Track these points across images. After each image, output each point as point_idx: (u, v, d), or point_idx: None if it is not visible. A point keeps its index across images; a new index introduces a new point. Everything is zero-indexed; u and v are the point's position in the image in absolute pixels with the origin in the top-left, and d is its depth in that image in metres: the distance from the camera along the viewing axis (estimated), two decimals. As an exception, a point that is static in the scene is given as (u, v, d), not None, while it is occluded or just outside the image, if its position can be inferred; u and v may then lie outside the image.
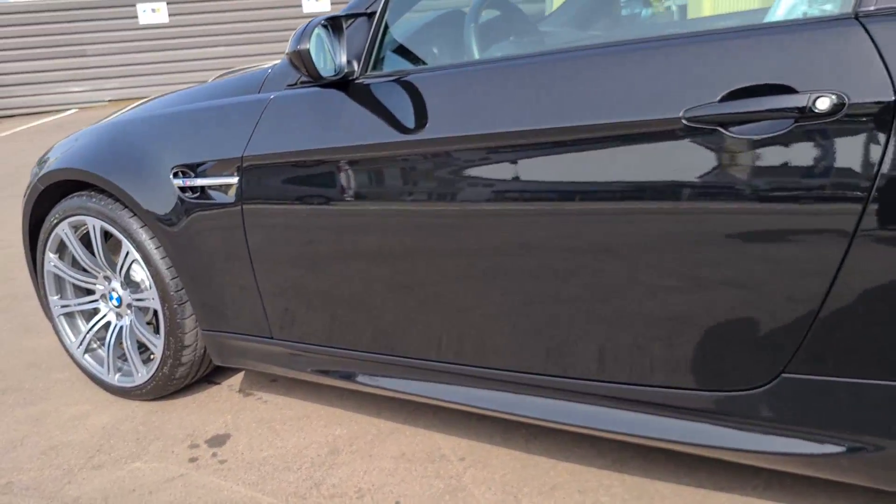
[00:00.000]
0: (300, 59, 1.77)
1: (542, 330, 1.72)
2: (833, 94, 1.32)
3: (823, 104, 1.32)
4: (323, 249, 1.97)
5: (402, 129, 1.78)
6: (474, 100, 1.70)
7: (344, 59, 1.88)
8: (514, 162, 1.64)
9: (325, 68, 1.84)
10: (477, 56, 2.02)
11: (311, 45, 1.79)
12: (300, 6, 13.38)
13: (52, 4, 13.22)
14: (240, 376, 2.72)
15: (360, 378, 2.09)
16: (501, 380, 1.83)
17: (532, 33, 2.39)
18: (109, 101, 13.23)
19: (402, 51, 1.99)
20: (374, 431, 2.27)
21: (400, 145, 1.77)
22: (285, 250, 2.05)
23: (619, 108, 1.51)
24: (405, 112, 1.78)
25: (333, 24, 1.87)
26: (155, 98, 2.61)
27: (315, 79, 1.84)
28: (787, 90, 1.36)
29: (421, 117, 1.76)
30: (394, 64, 1.95)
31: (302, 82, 1.99)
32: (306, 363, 2.19)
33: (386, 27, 1.93)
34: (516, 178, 1.65)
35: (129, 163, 2.31)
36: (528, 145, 1.62)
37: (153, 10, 13.19)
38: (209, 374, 2.69)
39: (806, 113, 1.34)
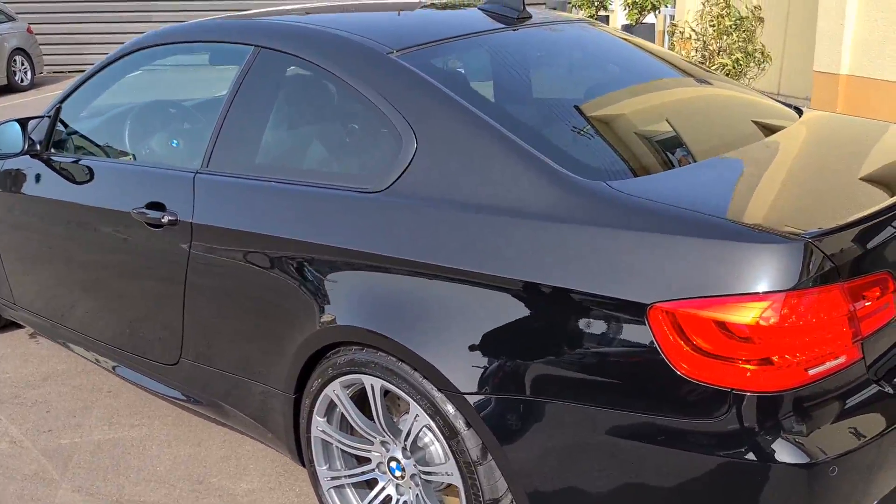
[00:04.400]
0: (-13, 144, 3.04)
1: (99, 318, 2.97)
2: (173, 214, 2.50)
3: (166, 219, 2.50)
4: (27, 250, 3.24)
5: (54, 187, 3.02)
6: (85, 179, 2.92)
7: (26, 143, 3.12)
8: (80, 224, 2.87)
9: (12, 147, 3.08)
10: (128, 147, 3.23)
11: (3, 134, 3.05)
12: None
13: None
14: (37, 325, 4.06)
15: (49, 336, 3.38)
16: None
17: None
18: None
19: (69, 138, 3.22)
20: (80, 370, 3.57)
21: (51, 200, 3.01)
22: (13, 249, 3.34)
23: (117, 200, 2.72)
24: (61, 176, 3.01)
25: (23, 123, 3.12)
26: None
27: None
28: (163, 207, 2.54)
29: (63, 181, 2.99)
30: (63, 145, 3.18)
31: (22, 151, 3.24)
32: (30, 322, 3.49)
33: (61, 123, 3.17)
34: (83, 231, 2.88)
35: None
36: (86, 216, 2.85)
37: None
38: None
39: (166, 223, 2.51)
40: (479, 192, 1.90)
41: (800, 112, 2.63)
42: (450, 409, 1.91)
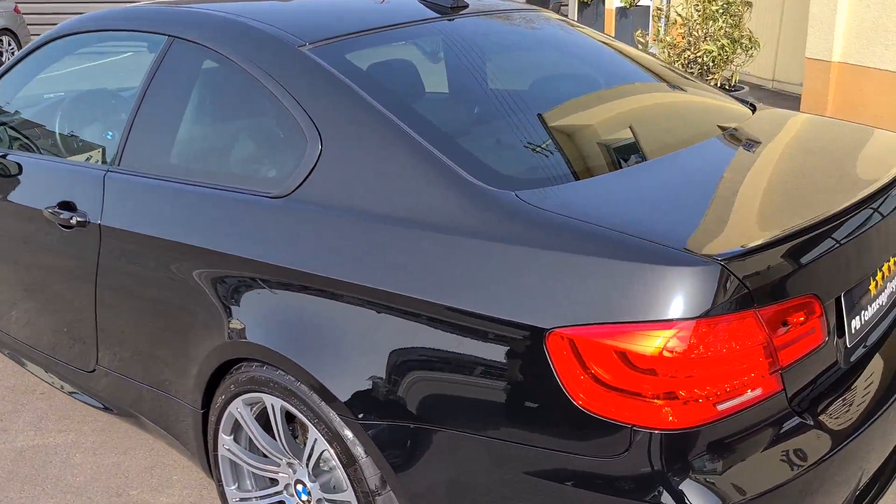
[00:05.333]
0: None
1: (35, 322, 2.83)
2: (83, 215, 2.34)
3: (75, 220, 2.35)
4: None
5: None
6: (4, 174, 2.75)
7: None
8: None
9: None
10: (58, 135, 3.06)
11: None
12: None
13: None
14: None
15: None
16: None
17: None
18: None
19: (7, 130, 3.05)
20: (16, 370, 3.43)
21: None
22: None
23: (32, 198, 2.57)
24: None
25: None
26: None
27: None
28: (74, 207, 2.39)
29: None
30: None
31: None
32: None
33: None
34: (2, 230, 2.74)
35: None
36: (3, 213, 2.70)
37: None
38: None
39: (75, 224, 2.36)
40: (382, 200, 1.75)
41: (754, 110, 2.47)
42: (348, 434, 1.77)
